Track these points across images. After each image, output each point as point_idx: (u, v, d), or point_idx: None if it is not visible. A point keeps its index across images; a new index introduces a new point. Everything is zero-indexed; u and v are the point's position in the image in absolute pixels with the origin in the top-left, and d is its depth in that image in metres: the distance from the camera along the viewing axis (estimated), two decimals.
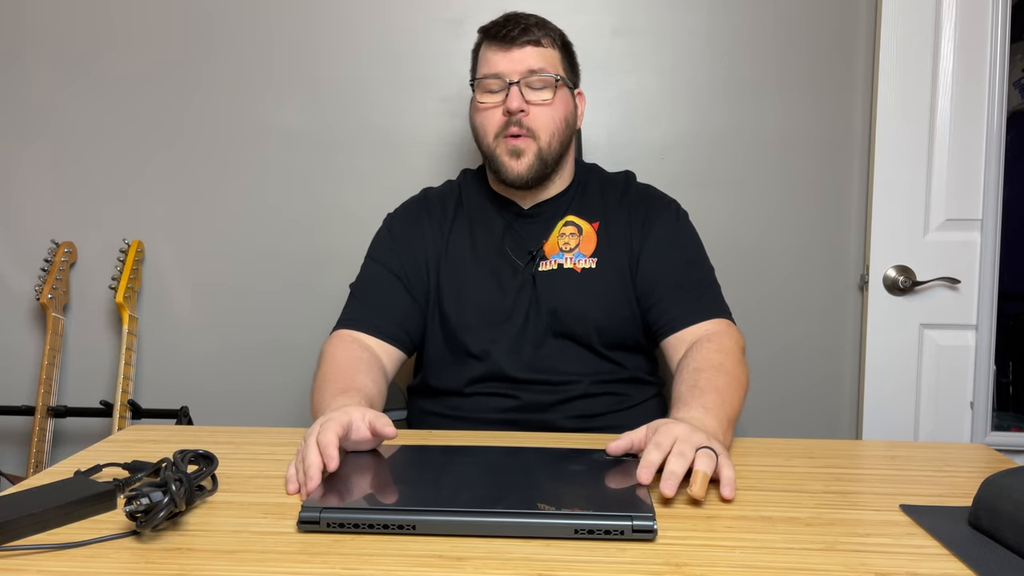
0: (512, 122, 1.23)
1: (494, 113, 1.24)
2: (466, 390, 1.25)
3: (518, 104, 1.21)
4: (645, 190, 1.36)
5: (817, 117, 1.78)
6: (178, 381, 1.89)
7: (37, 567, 0.66)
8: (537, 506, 0.73)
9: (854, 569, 0.66)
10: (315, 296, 1.86)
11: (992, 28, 1.66)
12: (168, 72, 1.84)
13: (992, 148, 1.66)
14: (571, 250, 1.27)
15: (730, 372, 1.09)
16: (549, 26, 1.29)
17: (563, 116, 1.26)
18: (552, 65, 1.25)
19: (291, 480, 0.86)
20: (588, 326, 1.24)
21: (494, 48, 1.25)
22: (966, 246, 1.69)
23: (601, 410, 1.24)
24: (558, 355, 1.24)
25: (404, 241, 1.31)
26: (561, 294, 1.24)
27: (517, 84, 1.22)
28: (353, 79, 1.82)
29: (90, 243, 1.88)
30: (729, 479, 0.82)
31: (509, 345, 1.24)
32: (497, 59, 1.24)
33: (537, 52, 1.24)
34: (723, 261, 1.79)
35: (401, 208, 1.38)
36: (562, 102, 1.26)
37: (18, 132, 1.87)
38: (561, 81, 1.26)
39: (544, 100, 1.24)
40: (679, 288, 1.25)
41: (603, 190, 1.34)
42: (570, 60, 1.32)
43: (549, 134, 1.24)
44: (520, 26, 1.24)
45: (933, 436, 1.72)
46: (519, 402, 1.23)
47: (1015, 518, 0.68)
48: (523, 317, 1.25)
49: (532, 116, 1.23)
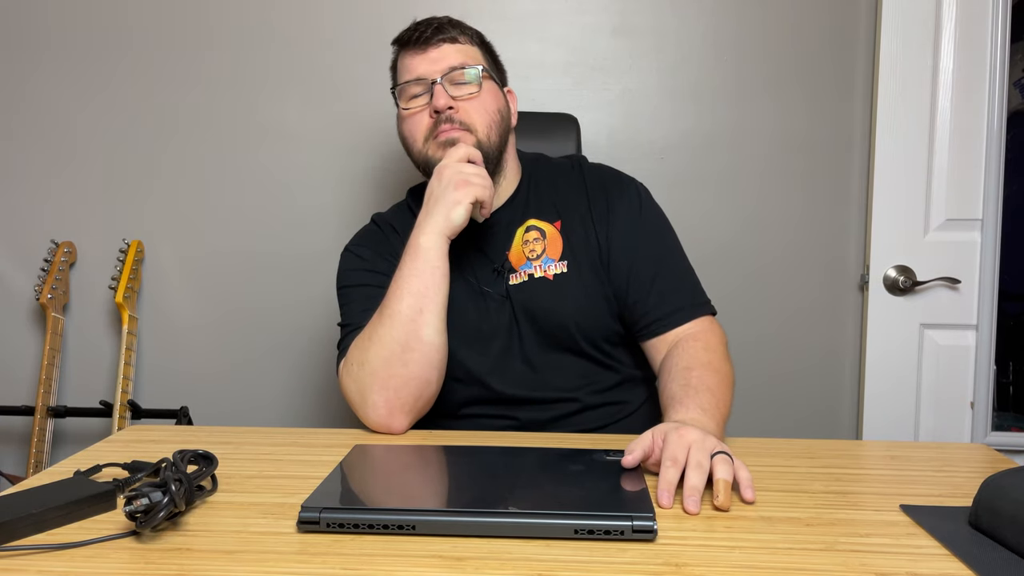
0: (442, 120, 1.15)
1: (421, 117, 1.17)
2: (460, 412, 1.22)
3: (445, 101, 1.14)
4: (599, 174, 1.28)
5: (817, 117, 1.78)
6: (178, 381, 1.89)
7: (37, 567, 0.66)
8: (537, 506, 0.73)
9: (854, 569, 0.66)
10: (315, 296, 1.85)
11: (992, 28, 1.66)
12: (168, 72, 1.84)
13: (992, 148, 1.66)
14: (538, 257, 1.21)
15: (719, 370, 1.08)
16: (464, 25, 1.22)
17: (496, 108, 1.19)
18: (473, 59, 1.19)
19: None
20: (574, 333, 1.20)
21: (411, 53, 1.19)
22: (966, 246, 1.69)
23: (601, 423, 1.21)
24: (549, 368, 1.20)
25: (381, 260, 1.23)
26: (540, 305, 1.19)
27: (440, 82, 1.15)
28: (353, 79, 1.82)
29: (90, 243, 1.88)
30: (748, 481, 0.82)
31: (496, 365, 1.20)
32: (415, 63, 1.18)
33: (455, 48, 1.18)
34: (722, 261, 1.80)
35: (360, 238, 1.31)
36: (491, 94, 1.19)
37: (18, 132, 1.87)
38: (486, 72, 1.19)
39: (471, 94, 1.17)
40: (656, 283, 1.19)
41: (555, 182, 1.27)
42: (492, 57, 1.25)
43: (485, 126, 1.17)
44: (433, 26, 1.18)
45: (933, 436, 1.72)
46: (516, 422, 1.20)
47: (1015, 518, 0.68)
48: (506, 335, 1.20)
49: (463, 111, 1.16)
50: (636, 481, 0.81)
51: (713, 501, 0.79)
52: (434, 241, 1.10)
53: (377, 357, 1.09)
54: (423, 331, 1.08)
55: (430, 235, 1.10)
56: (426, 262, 1.09)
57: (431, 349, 1.09)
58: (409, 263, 1.10)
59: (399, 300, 1.09)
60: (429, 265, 1.09)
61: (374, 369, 1.09)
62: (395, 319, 1.08)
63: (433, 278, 1.09)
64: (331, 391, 1.88)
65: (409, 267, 1.10)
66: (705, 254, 1.36)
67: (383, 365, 1.08)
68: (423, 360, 1.09)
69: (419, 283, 1.09)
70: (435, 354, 1.10)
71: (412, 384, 1.09)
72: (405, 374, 1.08)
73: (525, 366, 1.21)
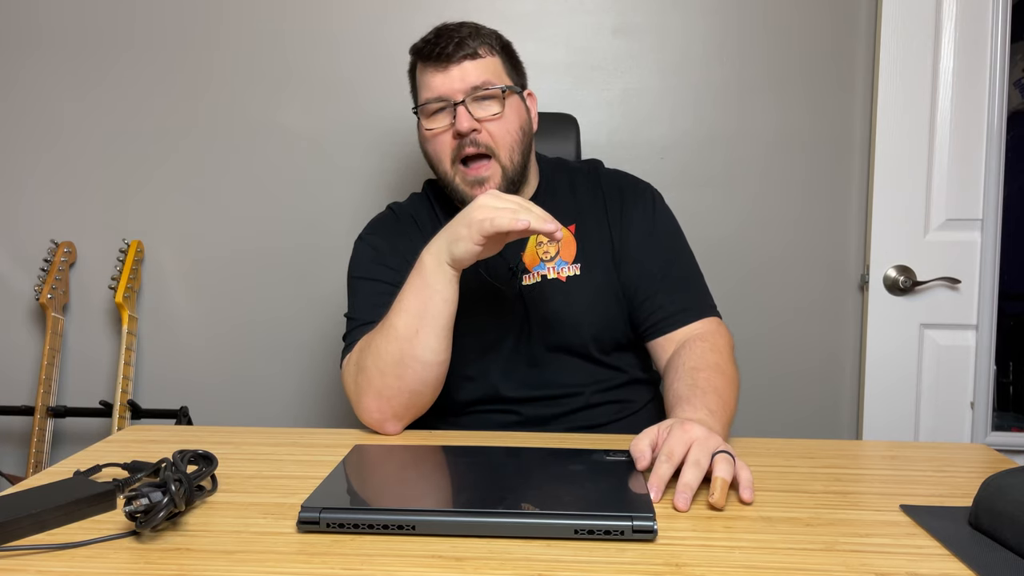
0: (466, 143, 1.16)
1: (444, 138, 1.18)
2: (465, 410, 1.23)
3: (469, 124, 1.14)
4: (616, 178, 1.30)
5: (817, 117, 1.78)
6: (178, 381, 1.89)
7: (37, 567, 0.66)
8: (537, 506, 0.73)
9: (854, 569, 0.66)
10: (315, 296, 1.86)
11: (992, 28, 1.66)
12: (168, 72, 1.84)
13: (992, 148, 1.66)
14: (552, 259, 1.21)
15: (726, 373, 1.08)
16: (483, 32, 1.20)
17: (518, 127, 1.20)
18: (496, 75, 1.18)
19: (548, 220, 0.98)
20: (584, 336, 1.20)
21: (431, 69, 1.17)
22: (966, 246, 1.69)
23: (604, 420, 1.22)
24: (555, 369, 1.21)
25: (395, 254, 1.23)
26: (551, 308, 1.20)
27: (463, 103, 1.15)
28: (352, 79, 1.82)
29: (90, 243, 1.88)
30: (748, 481, 0.81)
31: (504, 365, 1.20)
32: (436, 81, 1.16)
33: (477, 65, 1.16)
34: (722, 261, 1.80)
35: (374, 227, 1.30)
36: (514, 111, 1.20)
37: (18, 132, 1.87)
38: (509, 90, 1.19)
39: (494, 114, 1.17)
40: (665, 283, 1.21)
41: (573, 186, 1.28)
42: (513, 62, 1.24)
43: (508, 149, 1.18)
44: (453, 40, 1.16)
45: (933, 436, 1.72)
46: (520, 417, 1.20)
47: (1015, 518, 0.68)
48: (515, 336, 1.21)
49: (485, 133, 1.16)
50: (636, 481, 0.81)
51: (708, 498, 0.79)
52: (434, 265, 1.07)
53: (373, 367, 1.09)
54: (418, 351, 1.07)
55: (432, 258, 1.07)
56: (426, 285, 1.07)
57: (425, 368, 1.08)
58: (412, 280, 1.09)
59: (398, 316, 1.08)
60: (429, 288, 1.07)
61: (369, 377, 1.09)
62: (391, 334, 1.08)
63: (432, 301, 1.06)
64: (331, 391, 1.88)
65: (412, 284, 1.09)
66: (705, 254, 1.35)
67: (378, 375, 1.08)
68: (416, 377, 1.08)
69: (418, 303, 1.07)
70: (430, 372, 1.09)
71: (405, 396, 1.09)
72: (399, 386, 1.08)
73: (532, 365, 1.21)
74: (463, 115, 1.15)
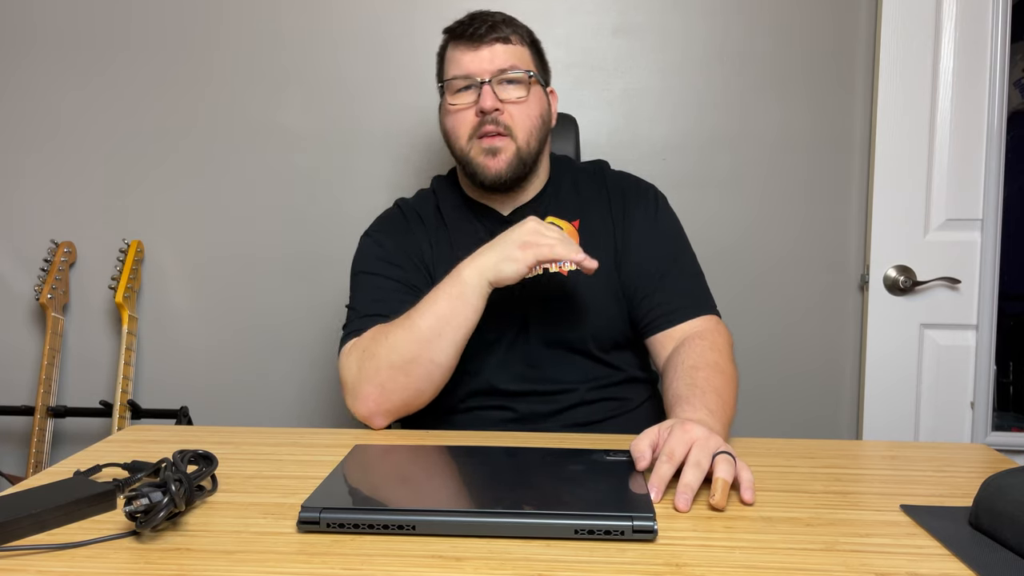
0: (487, 121, 1.18)
1: (466, 114, 1.20)
2: (460, 406, 1.23)
3: (492, 103, 1.17)
4: (620, 179, 1.32)
5: (818, 117, 1.78)
6: (178, 381, 1.89)
7: (37, 567, 0.66)
8: (537, 506, 0.73)
9: (854, 569, 0.66)
10: (315, 296, 1.86)
11: (992, 28, 1.66)
12: (168, 72, 1.84)
13: (992, 148, 1.66)
14: None
15: (725, 372, 1.08)
16: (517, 23, 1.24)
17: (539, 113, 1.22)
18: (523, 62, 1.21)
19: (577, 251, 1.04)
20: (583, 332, 1.21)
21: (462, 48, 1.20)
22: (966, 246, 1.69)
23: (600, 416, 1.22)
24: (552, 365, 1.21)
25: (401, 253, 1.24)
26: (551, 302, 1.21)
27: (489, 83, 1.17)
28: (353, 79, 1.82)
29: (90, 243, 1.88)
30: (749, 482, 0.81)
31: (501, 359, 1.21)
32: (466, 59, 1.19)
33: (507, 49, 1.19)
34: (723, 261, 1.80)
35: (381, 224, 1.31)
36: (536, 99, 1.22)
37: (18, 132, 1.87)
38: (534, 78, 1.22)
39: (519, 98, 1.19)
40: (665, 280, 1.21)
41: (577, 183, 1.30)
42: (540, 57, 1.28)
43: (527, 132, 1.20)
44: (487, 23, 1.19)
45: (933, 436, 1.72)
46: (515, 414, 1.21)
47: (1015, 518, 0.68)
48: (514, 330, 1.21)
49: (508, 114, 1.19)
50: (637, 482, 0.81)
51: (709, 499, 0.79)
52: (475, 279, 1.08)
53: (385, 358, 1.10)
54: (435, 353, 1.09)
55: (473, 272, 1.09)
56: (461, 294, 1.08)
57: (436, 369, 1.10)
58: (446, 287, 1.10)
59: (422, 316, 1.09)
60: (463, 299, 1.08)
61: (378, 366, 1.10)
62: (413, 333, 1.09)
63: (464, 312, 1.09)
64: (331, 391, 1.88)
65: (444, 290, 1.10)
66: (706, 254, 1.35)
67: (387, 366, 1.10)
68: (425, 376, 1.10)
69: (447, 308, 1.09)
70: (439, 373, 1.11)
71: (407, 393, 1.11)
72: (404, 383, 1.10)
73: (529, 361, 1.22)
74: (487, 93, 1.17)
